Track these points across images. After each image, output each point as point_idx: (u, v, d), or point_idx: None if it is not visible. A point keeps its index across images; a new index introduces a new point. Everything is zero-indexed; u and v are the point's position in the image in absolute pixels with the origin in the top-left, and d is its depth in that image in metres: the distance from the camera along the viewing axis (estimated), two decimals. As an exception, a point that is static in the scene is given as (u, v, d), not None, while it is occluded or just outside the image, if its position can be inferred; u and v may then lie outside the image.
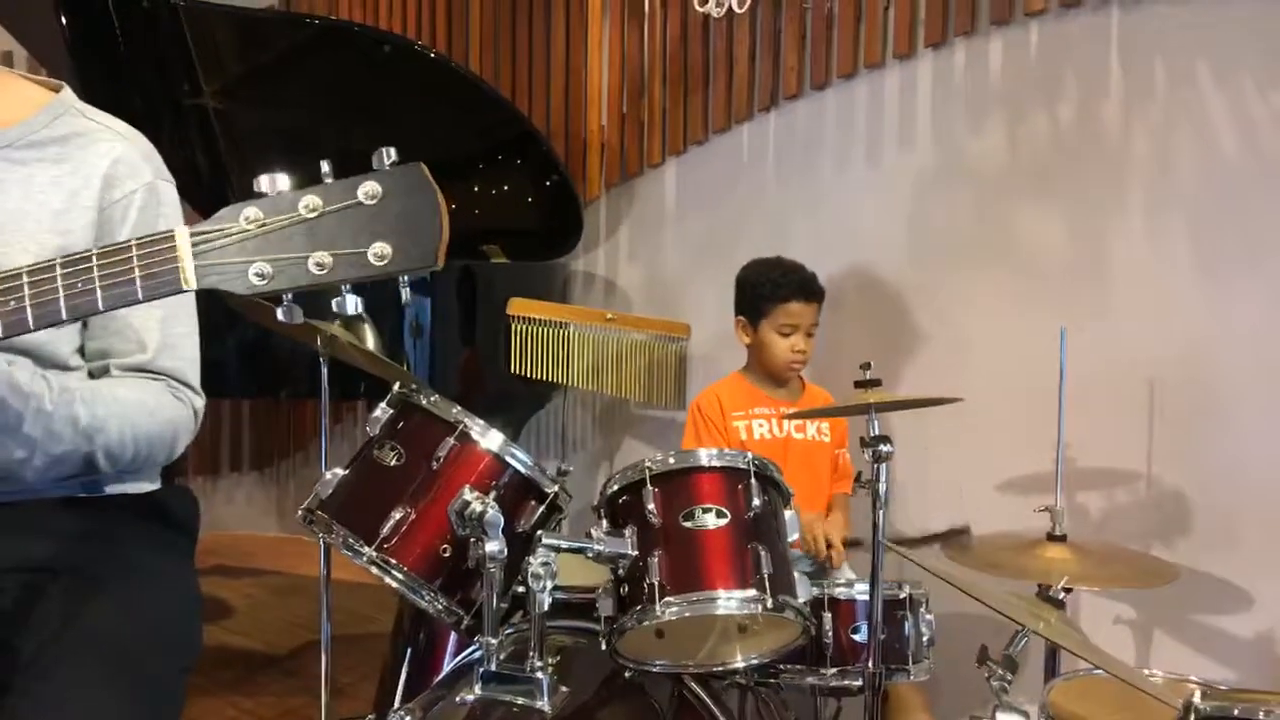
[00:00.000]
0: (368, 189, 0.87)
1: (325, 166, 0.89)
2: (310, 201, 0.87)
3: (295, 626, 3.28)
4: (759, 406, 2.35)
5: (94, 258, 0.88)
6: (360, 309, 0.92)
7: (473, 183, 3.28)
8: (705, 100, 2.99)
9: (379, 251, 0.87)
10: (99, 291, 0.88)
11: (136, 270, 0.87)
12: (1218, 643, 2.24)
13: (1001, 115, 2.48)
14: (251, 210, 0.87)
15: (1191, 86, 2.22)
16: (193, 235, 0.87)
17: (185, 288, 0.87)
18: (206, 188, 3.52)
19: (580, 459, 3.33)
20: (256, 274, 0.87)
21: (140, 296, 0.88)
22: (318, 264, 0.87)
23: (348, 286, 0.89)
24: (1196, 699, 1.01)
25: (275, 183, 0.88)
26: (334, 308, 0.90)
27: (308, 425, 4.25)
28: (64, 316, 0.88)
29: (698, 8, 2.88)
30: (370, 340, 2.52)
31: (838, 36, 2.71)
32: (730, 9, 2.82)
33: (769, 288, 2.31)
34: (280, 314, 0.90)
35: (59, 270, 0.88)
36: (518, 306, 2.74)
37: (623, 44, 3.15)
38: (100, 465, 1.15)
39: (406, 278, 0.92)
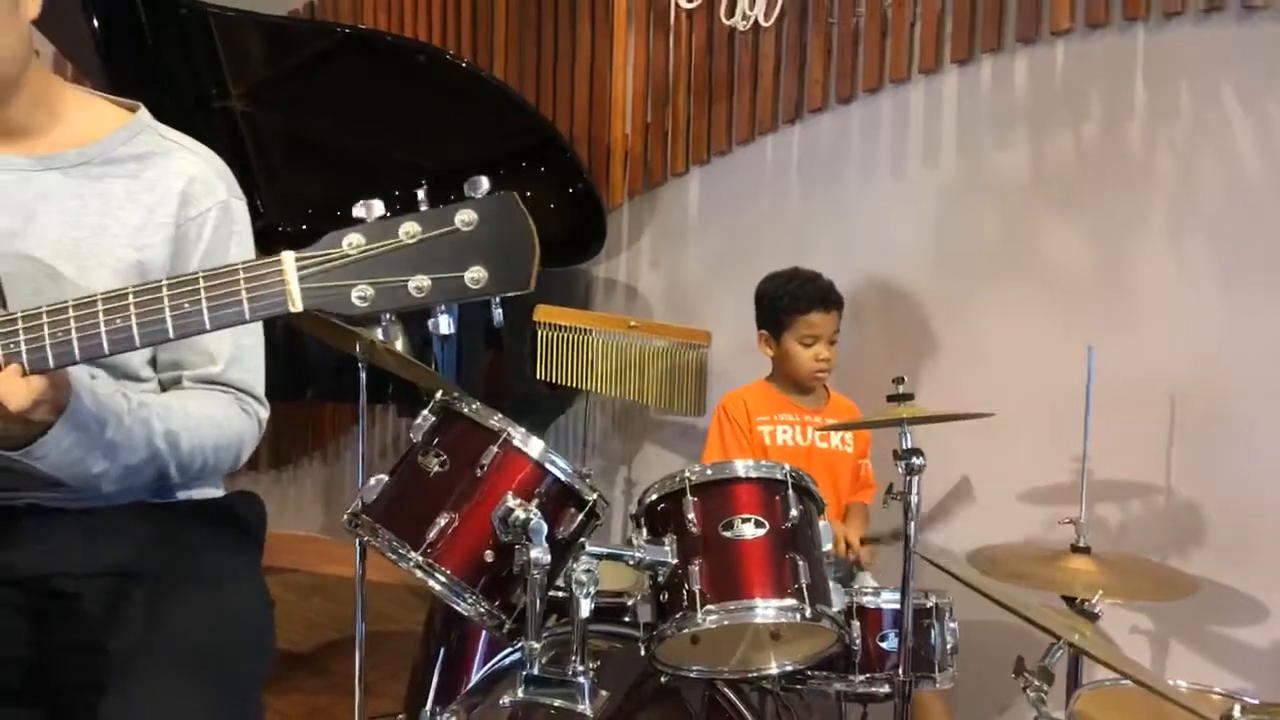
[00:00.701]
0: (464, 216, 0.93)
1: (421, 193, 0.94)
2: (410, 228, 0.92)
3: (317, 625, 3.32)
4: (784, 413, 2.38)
5: (200, 279, 0.92)
6: (454, 329, 0.97)
7: (498, 188, 3.31)
8: (729, 111, 3.02)
9: (474, 276, 0.93)
10: (206, 312, 0.92)
11: (244, 292, 0.92)
12: (1233, 654, 2.28)
13: (1026, 132, 2.51)
14: (355, 236, 0.92)
15: (1216, 107, 2.26)
16: (298, 259, 0.92)
17: (291, 309, 0.92)
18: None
19: (598, 463, 3.37)
20: (359, 296, 0.92)
21: (248, 317, 0.92)
22: (417, 287, 0.92)
23: (443, 307, 0.94)
24: (1236, 712, 1.05)
25: (370, 209, 0.93)
26: (430, 328, 0.95)
27: (326, 426, 4.28)
28: (171, 335, 0.92)
29: (724, 19, 2.92)
30: (400, 346, 2.56)
31: (864, 51, 2.74)
32: (756, 21, 2.86)
33: (787, 300, 2.35)
34: (380, 333, 0.97)
35: (165, 290, 0.92)
36: (544, 313, 2.77)
37: (648, 53, 3.18)
38: (172, 476, 1.19)
39: (499, 299, 0.96)
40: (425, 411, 1.76)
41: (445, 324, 0.96)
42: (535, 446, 1.67)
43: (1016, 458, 2.51)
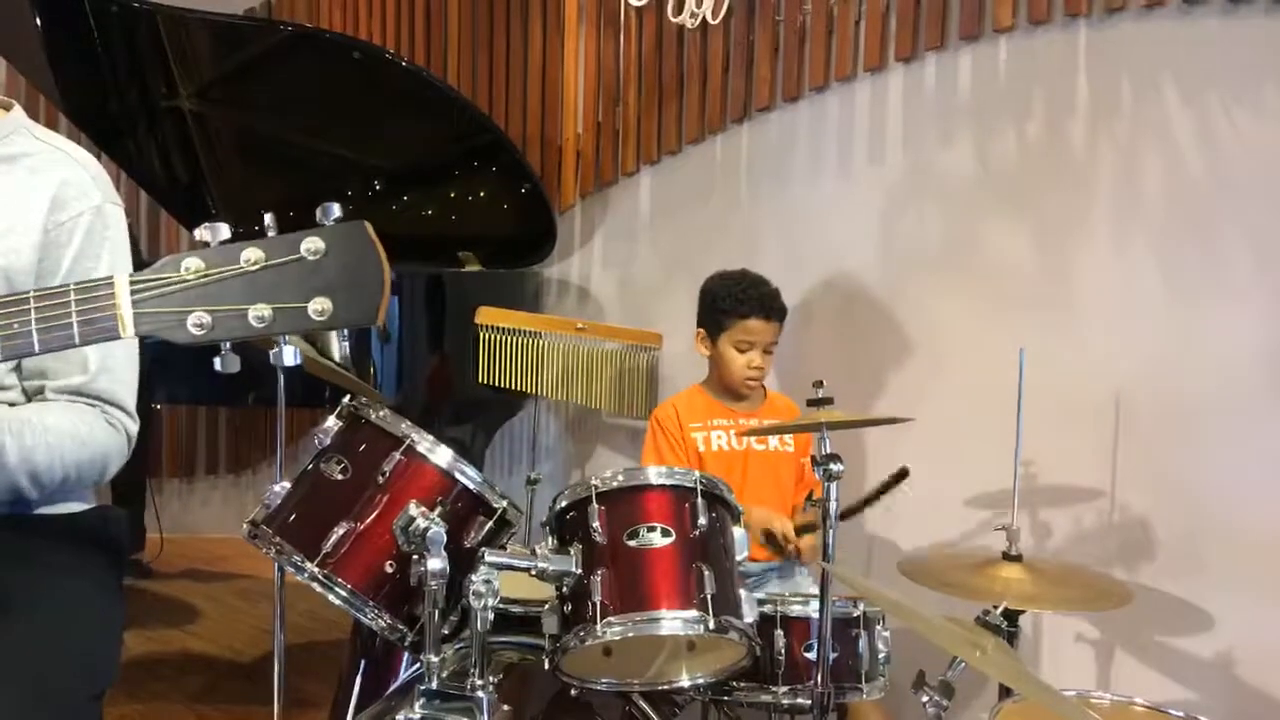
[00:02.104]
0: (310, 245, 0.89)
1: (269, 219, 0.91)
2: (252, 255, 0.88)
3: (263, 633, 3.27)
4: (718, 418, 2.34)
5: (30, 299, 0.89)
6: (297, 360, 0.93)
7: (447, 189, 3.27)
8: (679, 110, 2.99)
9: (319, 307, 0.88)
10: (35, 334, 0.88)
11: (74, 314, 0.88)
12: (1179, 664, 2.23)
13: (970, 130, 2.48)
14: (193, 261, 0.88)
15: (1158, 104, 2.22)
16: (132, 282, 0.88)
17: (123, 334, 0.88)
18: (184, 191, 3.52)
19: (551, 467, 3.32)
20: (195, 324, 0.88)
21: (77, 341, 0.88)
22: (258, 316, 0.88)
23: (286, 339, 0.91)
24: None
25: (216, 232, 0.90)
26: (271, 359, 0.90)
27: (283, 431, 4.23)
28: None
29: (672, 18, 2.88)
30: (336, 347, 2.51)
31: (810, 49, 2.70)
32: (704, 20, 2.82)
33: (729, 302, 2.31)
34: (218, 363, 0.92)
35: None
36: (485, 315, 2.73)
37: (598, 53, 3.14)
38: (27, 493, 1.15)
39: (345, 332, 0.92)
40: (332, 417, 1.72)
41: (290, 355, 0.91)
42: (443, 455, 1.63)
43: (961, 462, 2.46)
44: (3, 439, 1.11)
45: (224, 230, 0.90)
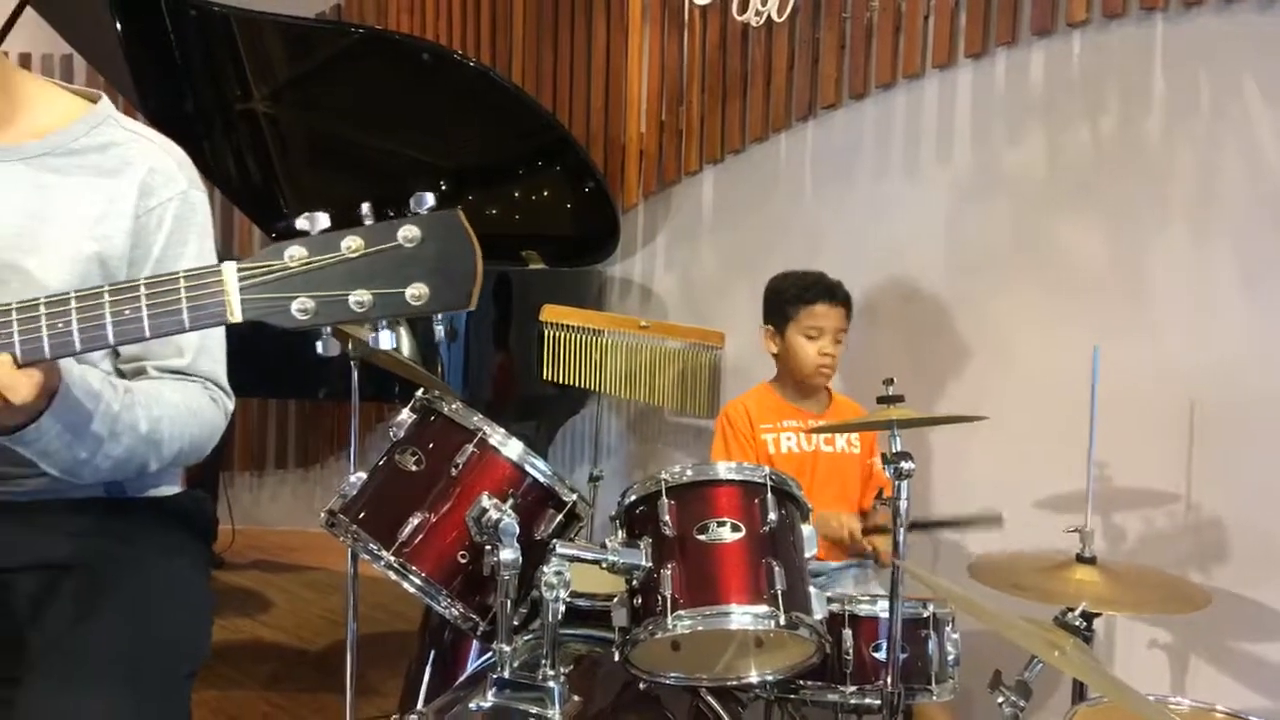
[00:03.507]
0: (407, 232, 0.92)
1: (365, 208, 0.93)
2: (352, 242, 0.92)
3: (333, 623, 3.33)
4: (787, 419, 2.34)
5: (141, 286, 0.92)
6: (394, 344, 0.96)
7: (512, 189, 3.31)
8: (743, 109, 2.98)
9: (416, 292, 0.92)
10: (146, 319, 0.92)
11: (184, 301, 0.92)
12: (1256, 670, 2.18)
13: (1041, 126, 2.44)
14: (296, 249, 0.92)
15: (1237, 100, 2.17)
16: (240, 270, 0.92)
17: (230, 320, 0.92)
18: (257, 190, 3.60)
19: (614, 464, 3.34)
20: (299, 309, 0.91)
21: (187, 326, 0.92)
22: (358, 301, 0.92)
23: (383, 323, 0.94)
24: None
25: (316, 222, 0.93)
26: (369, 343, 0.94)
27: (350, 423, 4.30)
28: (111, 341, 0.93)
29: (737, 17, 2.88)
30: (405, 343, 2.56)
31: (876, 46, 2.69)
32: (769, 18, 2.82)
33: (794, 291, 2.31)
34: (320, 346, 0.95)
35: (107, 296, 0.92)
36: (550, 313, 2.75)
37: (662, 52, 3.15)
38: (149, 465, 1.19)
39: (440, 316, 0.95)
40: (406, 410, 1.75)
41: (386, 339, 0.94)
42: (514, 447, 1.65)
43: (1032, 463, 2.43)
44: (135, 410, 1.14)
45: (324, 219, 0.93)
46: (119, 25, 3.08)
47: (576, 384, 2.82)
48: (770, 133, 2.93)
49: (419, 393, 1.75)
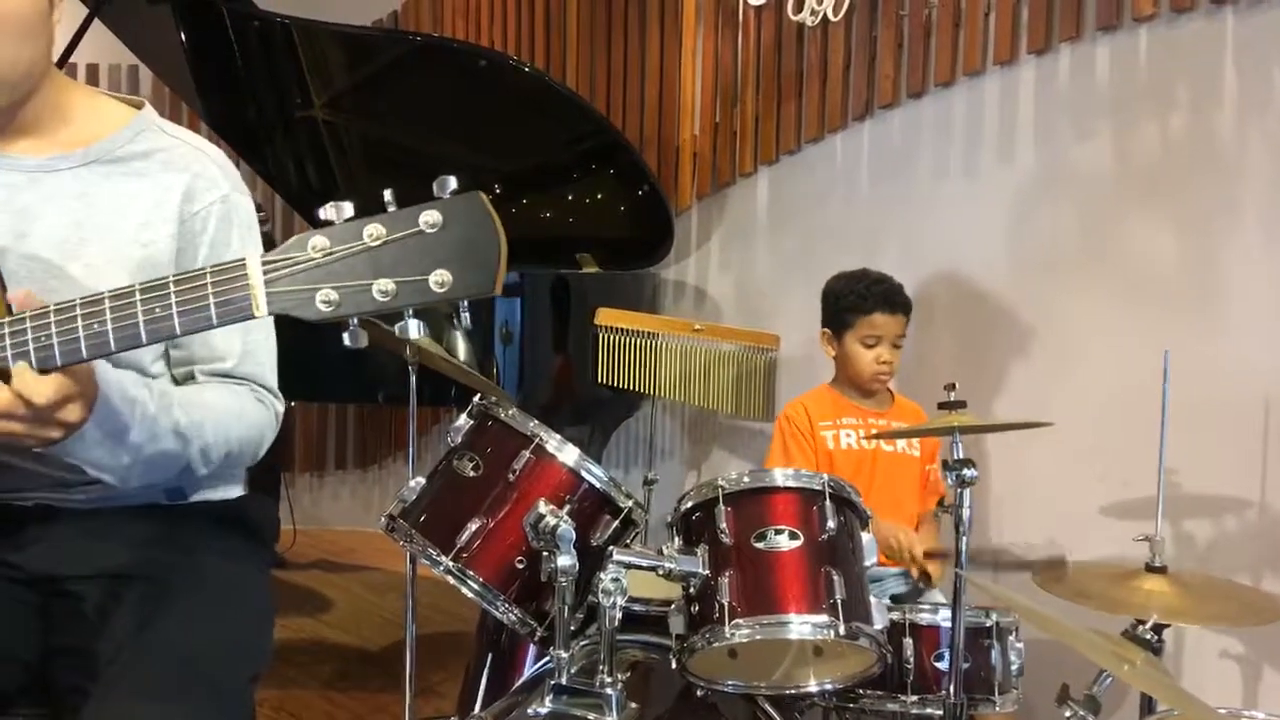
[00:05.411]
0: (429, 218, 0.90)
1: (388, 195, 0.91)
2: (374, 230, 0.90)
3: (392, 624, 3.37)
4: (847, 416, 2.31)
5: (170, 284, 0.93)
6: (423, 333, 0.94)
7: (566, 192, 3.31)
8: (799, 109, 2.96)
9: (439, 279, 0.90)
10: (176, 317, 0.92)
11: (211, 297, 0.91)
12: (1336, 684, 2.11)
13: (1108, 124, 2.38)
14: (318, 239, 0.90)
15: (1314, 93, 2.10)
16: (264, 263, 0.91)
17: (256, 314, 0.91)
18: (317, 195, 3.66)
19: (668, 468, 3.33)
20: (324, 301, 0.90)
21: (215, 321, 0.92)
22: (381, 291, 0.90)
23: (410, 311, 0.92)
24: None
25: (340, 211, 0.91)
26: (397, 332, 0.92)
27: (408, 426, 4.35)
28: (144, 340, 0.93)
29: (792, 16, 2.85)
30: (461, 348, 2.57)
31: (936, 43, 2.64)
32: (825, 17, 2.79)
33: (853, 299, 2.28)
34: (346, 338, 0.93)
35: (138, 295, 0.92)
36: (605, 317, 2.75)
37: (716, 53, 3.14)
38: (195, 468, 1.20)
39: (466, 303, 0.93)
40: (463, 415, 1.76)
41: (414, 328, 0.93)
42: (570, 453, 1.65)
43: (1099, 469, 2.37)
44: (175, 413, 1.15)
45: (348, 208, 0.91)
46: (184, 37, 3.15)
47: (631, 388, 2.82)
48: (826, 133, 2.90)
49: (476, 399, 1.76)
